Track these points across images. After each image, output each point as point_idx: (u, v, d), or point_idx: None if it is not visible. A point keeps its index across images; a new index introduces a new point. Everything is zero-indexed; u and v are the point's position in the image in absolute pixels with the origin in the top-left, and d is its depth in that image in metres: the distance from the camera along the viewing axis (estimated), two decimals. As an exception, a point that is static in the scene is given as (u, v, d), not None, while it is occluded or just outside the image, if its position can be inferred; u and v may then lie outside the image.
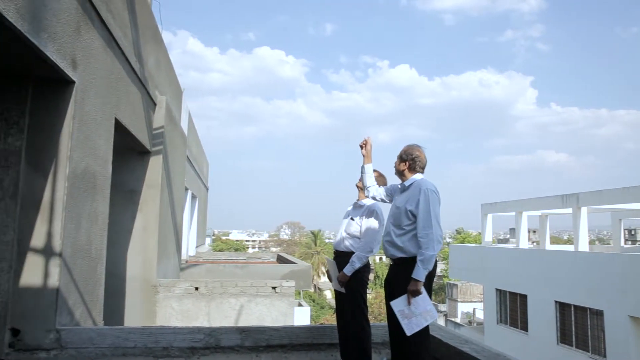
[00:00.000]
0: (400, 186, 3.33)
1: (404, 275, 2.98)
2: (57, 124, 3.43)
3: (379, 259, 53.35)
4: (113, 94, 4.44)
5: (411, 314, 2.88)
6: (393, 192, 3.43)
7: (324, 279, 48.30)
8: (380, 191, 3.51)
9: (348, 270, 3.51)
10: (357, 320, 3.52)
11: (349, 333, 3.55)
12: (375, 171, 3.65)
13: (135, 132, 5.32)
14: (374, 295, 41.73)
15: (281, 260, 13.16)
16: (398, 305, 2.92)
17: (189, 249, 13.82)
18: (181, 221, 8.78)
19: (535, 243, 26.27)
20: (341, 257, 3.66)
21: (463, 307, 29.12)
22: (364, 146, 3.55)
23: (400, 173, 3.31)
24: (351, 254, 3.57)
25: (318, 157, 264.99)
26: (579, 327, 14.26)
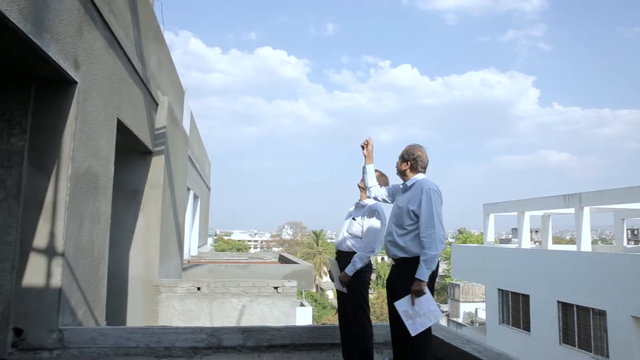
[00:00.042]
0: (402, 186, 3.33)
1: (406, 275, 2.97)
2: (60, 125, 3.44)
3: (381, 259, 53.35)
4: (115, 94, 4.45)
5: (415, 314, 2.88)
6: (395, 192, 3.43)
7: (326, 279, 48.33)
8: (382, 191, 3.51)
9: (349, 270, 3.51)
10: (359, 320, 3.52)
11: (351, 333, 3.55)
12: (376, 171, 3.65)
13: (137, 133, 5.33)
14: (376, 295, 41.73)
15: (283, 260, 13.18)
16: (402, 305, 2.92)
17: (191, 249, 13.85)
18: (183, 221, 8.79)
19: (537, 243, 26.23)
20: (343, 257, 3.66)
21: (465, 307, 29.07)
22: (365, 147, 3.55)
23: (401, 173, 3.30)
24: (353, 254, 3.56)
25: (320, 157, 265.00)
26: (582, 328, 14.23)
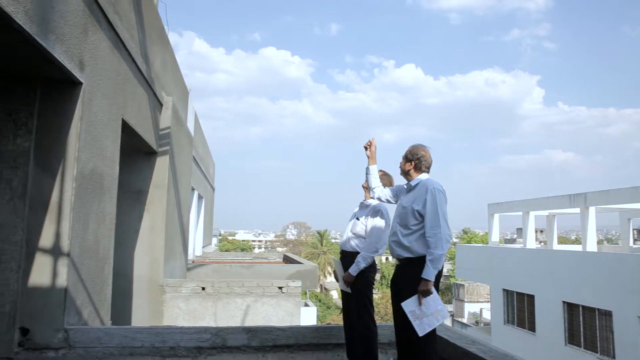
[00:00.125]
0: (406, 186, 3.32)
1: (411, 275, 2.97)
2: (65, 125, 3.46)
3: (385, 259, 53.23)
4: (120, 95, 4.46)
5: (422, 314, 2.87)
6: (399, 193, 3.42)
7: (330, 279, 48.31)
8: (385, 192, 3.50)
9: (353, 270, 3.51)
10: (363, 320, 3.52)
11: (355, 333, 3.55)
12: (380, 171, 3.65)
13: (142, 133, 5.35)
14: (380, 295, 41.63)
15: (287, 260, 13.18)
16: (409, 305, 2.90)
17: (196, 249, 13.88)
18: (188, 221, 8.81)
19: (542, 243, 26.11)
20: (347, 257, 3.65)
21: (470, 308, 28.96)
22: (369, 147, 3.55)
23: (405, 173, 3.30)
24: (357, 254, 3.56)
25: (324, 157, 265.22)
26: (588, 328, 14.14)
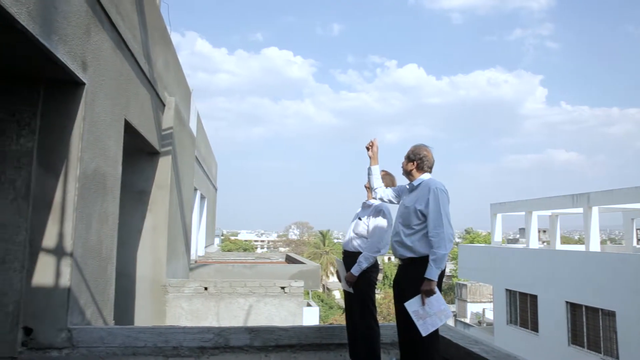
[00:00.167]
0: (408, 186, 3.32)
1: (414, 275, 2.97)
2: (68, 126, 3.47)
3: (388, 259, 53.20)
4: (123, 96, 4.47)
5: (426, 314, 2.86)
6: (401, 193, 3.42)
7: (333, 279, 48.30)
8: (387, 192, 3.50)
9: (355, 270, 3.51)
10: (366, 320, 3.51)
11: (358, 333, 3.54)
12: (382, 170, 3.65)
13: (144, 133, 5.36)
14: (383, 295, 41.63)
15: (290, 260, 13.19)
16: (412, 305, 2.90)
17: (198, 249, 13.89)
18: (190, 221, 8.83)
19: (545, 243, 26.04)
20: (349, 257, 3.65)
21: (472, 308, 28.93)
22: (370, 148, 3.55)
23: (408, 173, 3.29)
24: (359, 254, 3.56)
25: (326, 157, 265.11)
26: (591, 328, 14.10)
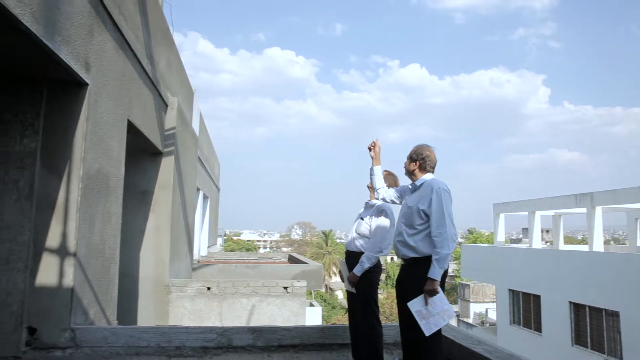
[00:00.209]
0: (410, 186, 3.32)
1: (417, 275, 2.96)
2: (71, 126, 3.48)
3: (390, 259, 53.17)
4: (125, 96, 4.48)
5: (429, 314, 2.86)
6: (403, 193, 3.42)
7: (336, 279, 48.29)
8: (390, 192, 3.50)
9: (357, 270, 3.50)
10: (368, 320, 3.51)
11: (360, 333, 3.54)
12: (385, 170, 3.64)
13: (147, 134, 5.37)
14: (386, 295, 41.59)
15: (292, 260, 13.19)
16: (415, 305, 2.90)
17: (201, 249, 13.92)
18: (193, 221, 8.84)
19: (548, 243, 25.97)
20: (352, 257, 3.65)
21: (475, 308, 28.86)
22: (372, 148, 3.55)
23: (410, 173, 3.29)
24: (362, 254, 3.55)
25: (329, 157, 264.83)
26: (594, 329, 14.05)
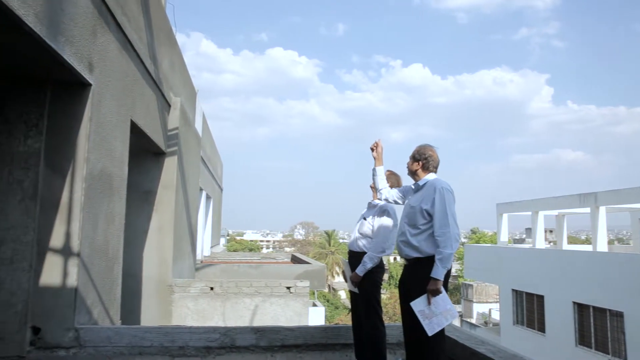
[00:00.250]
0: (413, 186, 3.31)
1: (420, 275, 2.96)
2: (75, 126, 3.49)
3: (393, 259, 53.10)
4: (128, 96, 4.50)
5: (432, 314, 2.85)
6: (406, 193, 3.41)
7: (338, 279, 48.28)
8: (392, 193, 3.49)
9: (360, 270, 3.50)
10: (371, 320, 3.51)
11: (363, 333, 3.54)
12: (387, 170, 3.64)
13: (150, 134, 5.39)
14: (389, 295, 41.52)
15: (295, 260, 13.19)
16: (418, 305, 2.89)
17: (204, 249, 13.95)
18: (196, 221, 8.85)
19: (552, 243, 25.89)
20: (355, 257, 3.65)
21: (478, 308, 28.79)
22: (375, 149, 3.55)
23: (413, 173, 3.29)
24: (364, 254, 3.55)
25: (331, 157, 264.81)
26: (598, 329, 13.99)
